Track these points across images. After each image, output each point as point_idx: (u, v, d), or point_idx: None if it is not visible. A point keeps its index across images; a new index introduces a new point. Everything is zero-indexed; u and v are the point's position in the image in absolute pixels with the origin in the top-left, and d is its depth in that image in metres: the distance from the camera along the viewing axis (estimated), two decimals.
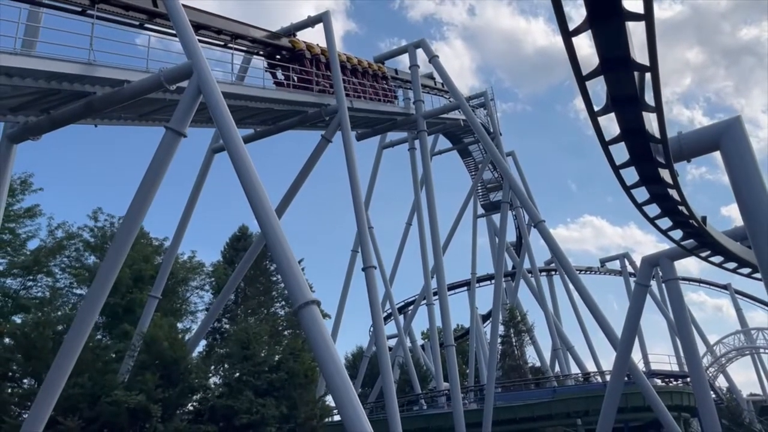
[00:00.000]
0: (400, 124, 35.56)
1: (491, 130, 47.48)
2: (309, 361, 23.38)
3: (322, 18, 26.67)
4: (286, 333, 42.32)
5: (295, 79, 24.71)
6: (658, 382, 37.57)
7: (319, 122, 26.42)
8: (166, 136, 14.73)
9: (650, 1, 8.13)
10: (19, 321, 28.59)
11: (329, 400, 25.98)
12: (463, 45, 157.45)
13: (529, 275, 49.41)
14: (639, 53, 10.05)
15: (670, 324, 51.85)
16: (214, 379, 27.89)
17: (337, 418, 33.90)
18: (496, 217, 49.54)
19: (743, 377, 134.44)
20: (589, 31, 8.75)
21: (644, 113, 11.98)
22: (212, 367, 27.67)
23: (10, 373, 23.08)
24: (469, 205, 50.93)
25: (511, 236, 53.73)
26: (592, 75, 9.95)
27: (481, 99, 50.18)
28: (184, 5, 16.29)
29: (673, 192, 15.54)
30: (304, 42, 27.24)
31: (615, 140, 12.87)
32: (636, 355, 50.22)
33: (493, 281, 46.58)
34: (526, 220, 49.77)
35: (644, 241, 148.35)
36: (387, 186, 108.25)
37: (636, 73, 10.82)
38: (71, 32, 14.99)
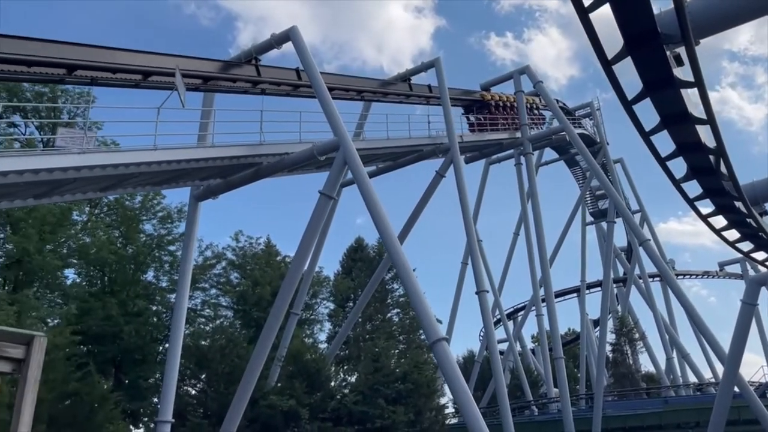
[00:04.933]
0: (507, 147, 38.03)
1: (597, 140, 48.66)
2: (431, 373, 26.59)
3: (434, 63, 29.72)
4: (401, 338, 45.75)
5: (483, 120, 34.42)
6: None
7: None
8: (320, 200, 18.51)
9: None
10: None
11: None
12: (559, 33, 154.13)
13: (640, 281, 49.77)
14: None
15: None
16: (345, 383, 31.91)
17: (453, 421, 36.99)
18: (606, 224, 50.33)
19: None
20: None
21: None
22: (344, 374, 31.68)
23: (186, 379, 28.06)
24: (578, 212, 52.13)
25: (622, 241, 54.30)
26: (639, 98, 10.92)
27: (587, 109, 51.32)
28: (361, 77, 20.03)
29: (761, 233, 17.28)
30: (489, 93, 36.79)
31: (711, 215, 15.29)
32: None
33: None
34: (637, 221, 50.50)
35: None
36: (494, 192, 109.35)
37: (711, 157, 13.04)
38: (241, 121, 19.09)
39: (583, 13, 8.81)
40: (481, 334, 54.67)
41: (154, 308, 38.79)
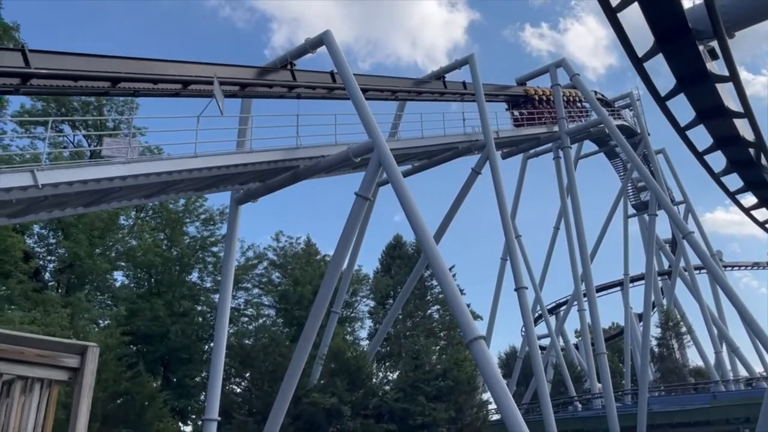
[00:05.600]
0: (544, 141, 37.71)
1: (638, 131, 47.81)
2: (471, 369, 26.64)
3: (468, 60, 29.69)
4: (441, 334, 45.77)
5: (527, 115, 35.25)
6: None
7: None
8: (356, 201, 18.83)
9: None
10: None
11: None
12: (596, 21, 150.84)
13: (686, 273, 48.65)
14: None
15: None
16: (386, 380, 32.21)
17: (497, 416, 36.92)
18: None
19: None
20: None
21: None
22: (385, 371, 31.98)
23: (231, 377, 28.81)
24: (620, 205, 51.29)
25: (667, 233, 53.15)
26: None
27: (626, 100, 50.38)
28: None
29: None
30: (533, 88, 37.15)
31: (754, 208, 15.04)
32: None
33: None
34: (681, 212, 49.66)
35: None
36: (536, 184, 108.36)
37: (751, 150, 12.79)
38: (278, 126, 19.54)
39: (611, 12, 8.80)
40: (523, 330, 54.25)
41: (199, 308, 39.87)
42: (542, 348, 55.62)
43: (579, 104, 41.87)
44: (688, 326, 49.19)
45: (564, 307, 54.15)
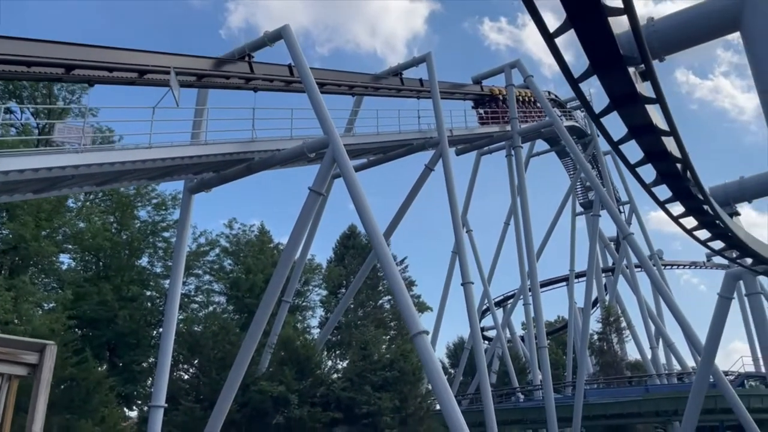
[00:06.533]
0: (497, 139, 38.74)
1: (588, 133, 49.49)
2: (417, 361, 27.46)
3: (425, 58, 30.26)
4: (392, 324, 46.53)
5: (492, 113, 36.52)
6: (753, 384, 38.46)
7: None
8: (309, 197, 19.22)
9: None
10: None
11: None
12: (554, 18, 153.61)
13: (628, 270, 50.67)
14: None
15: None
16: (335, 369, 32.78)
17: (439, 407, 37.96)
18: None
19: None
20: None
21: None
22: (335, 360, 32.66)
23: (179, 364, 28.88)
24: (568, 203, 52.91)
25: (614, 230, 55.16)
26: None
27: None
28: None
29: (731, 234, 18.10)
30: (497, 87, 38.55)
31: (682, 216, 16.17)
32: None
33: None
34: (625, 213, 51.86)
35: (761, 223, 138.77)
36: (490, 178, 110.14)
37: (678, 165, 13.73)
38: (233, 119, 19.74)
39: (549, 38, 9.41)
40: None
41: (148, 293, 39.48)
42: (490, 339, 57.32)
43: (537, 104, 43.11)
44: (628, 322, 51.30)
45: (511, 301, 55.73)
